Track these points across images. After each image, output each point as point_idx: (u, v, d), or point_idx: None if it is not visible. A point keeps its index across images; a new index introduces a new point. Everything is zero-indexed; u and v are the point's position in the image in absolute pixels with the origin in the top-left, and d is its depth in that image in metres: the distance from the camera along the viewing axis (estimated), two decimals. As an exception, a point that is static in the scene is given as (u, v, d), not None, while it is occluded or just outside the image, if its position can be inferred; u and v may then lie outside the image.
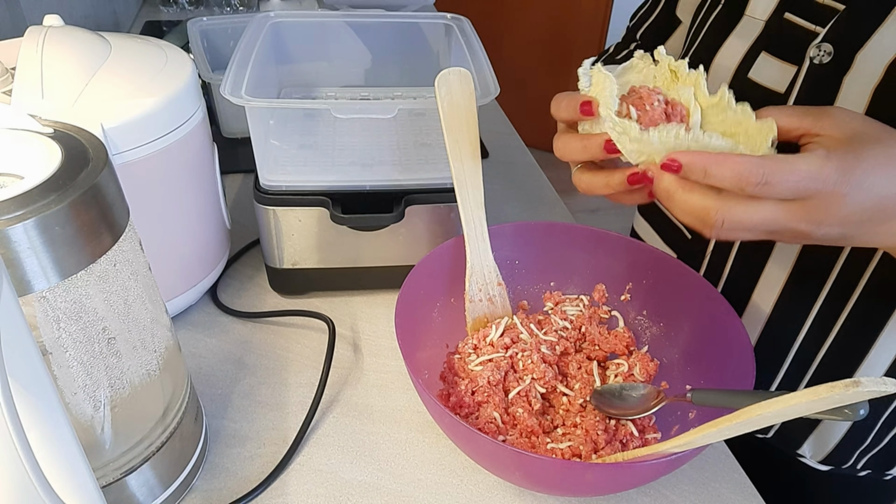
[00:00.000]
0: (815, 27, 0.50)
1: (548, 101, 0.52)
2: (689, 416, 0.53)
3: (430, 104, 0.55)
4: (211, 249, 0.65)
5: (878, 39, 0.46)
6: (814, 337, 0.56)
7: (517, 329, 0.59)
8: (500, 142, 1.02)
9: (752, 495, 0.52)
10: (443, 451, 0.54)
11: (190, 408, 0.49)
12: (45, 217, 0.32)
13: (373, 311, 0.68)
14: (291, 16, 0.73)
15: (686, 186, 0.39)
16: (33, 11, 0.91)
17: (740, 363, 0.49)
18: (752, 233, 0.39)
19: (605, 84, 0.42)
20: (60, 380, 0.37)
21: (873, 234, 0.39)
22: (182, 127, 0.55)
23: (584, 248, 0.63)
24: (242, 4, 1.41)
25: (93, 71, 0.52)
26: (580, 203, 2.57)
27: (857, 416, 0.37)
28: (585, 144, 0.43)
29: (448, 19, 0.75)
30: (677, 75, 0.44)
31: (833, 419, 0.38)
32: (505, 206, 0.86)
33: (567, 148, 0.45)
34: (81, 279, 0.35)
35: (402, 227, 0.64)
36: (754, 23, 0.54)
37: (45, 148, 0.37)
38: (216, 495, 0.50)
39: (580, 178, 0.46)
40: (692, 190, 0.39)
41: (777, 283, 0.57)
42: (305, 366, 0.61)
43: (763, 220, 0.38)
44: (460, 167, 0.56)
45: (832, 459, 0.62)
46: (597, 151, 0.43)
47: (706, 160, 0.38)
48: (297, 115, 0.72)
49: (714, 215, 0.38)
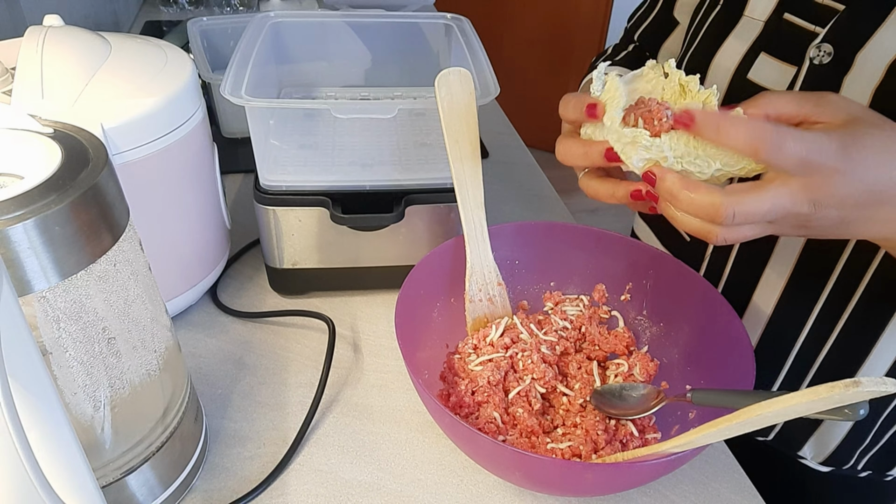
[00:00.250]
0: (815, 28, 0.50)
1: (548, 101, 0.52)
2: (689, 415, 0.53)
3: (430, 104, 0.55)
4: (211, 249, 0.65)
5: (878, 39, 0.46)
6: (814, 338, 0.56)
7: (517, 329, 0.59)
8: (500, 142, 1.02)
9: (752, 495, 0.52)
10: (443, 451, 0.54)
11: (190, 408, 0.49)
12: (45, 217, 0.32)
13: (373, 311, 0.68)
14: (291, 16, 0.73)
15: (690, 185, 0.38)
16: (33, 11, 0.91)
17: (740, 363, 0.49)
18: (757, 226, 0.39)
19: (614, 93, 0.42)
20: (60, 380, 0.37)
21: (868, 220, 0.39)
22: (182, 127, 0.55)
23: (584, 248, 0.63)
24: (242, 4, 1.41)
25: (93, 71, 0.52)
26: (580, 203, 2.57)
27: (858, 417, 0.37)
28: (587, 151, 0.43)
29: (448, 19, 0.75)
30: (686, 90, 0.44)
31: (833, 419, 0.38)
32: (505, 206, 0.86)
33: (569, 153, 0.45)
34: (81, 279, 0.35)
35: (402, 227, 0.64)
36: (753, 23, 0.54)
37: (45, 148, 0.37)
38: (216, 495, 0.50)
39: (587, 185, 0.47)
40: (696, 188, 0.38)
41: (777, 284, 0.57)
42: (305, 366, 0.61)
43: (772, 206, 0.37)
44: (460, 167, 0.56)
45: (833, 461, 0.62)
46: (597, 159, 0.43)
47: (720, 118, 0.38)
48: (297, 115, 0.72)
49: (724, 209, 0.37)
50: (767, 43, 0.53)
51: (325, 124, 0.71)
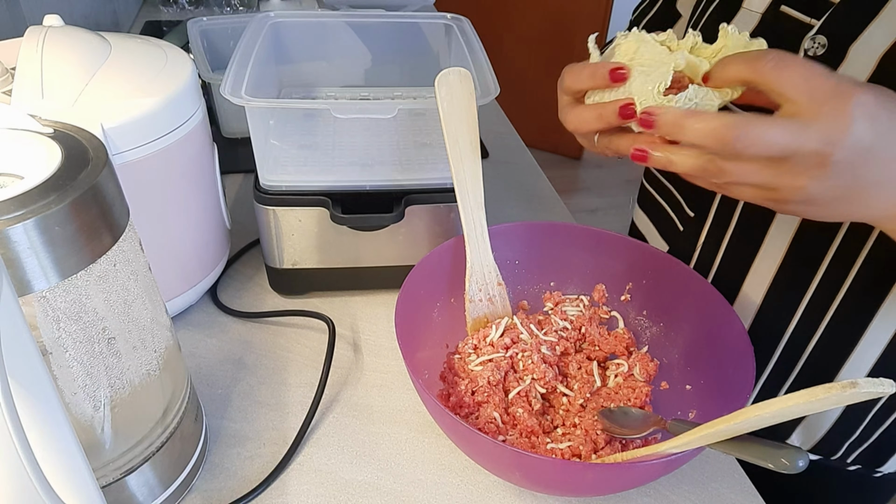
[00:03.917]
0: (811, 20, 0.50)
1: (548, 101, 0.52)
2: (690, 416, 0.53)
3: (430, 104, 0.55)
4: (211, 249, 0.65)
5: (870, 32, 0.47)
6: (804, 328, 0.57)
7: (517, 329, 0.59)
8: (500, 142, 1.02)
9: (753, 495, 0.52)
10: (443, 451, 0.54)
11: (190, 408, 0.49)
12: (45, 217, 0.32)
13: (373, 311, 0.68)
14: (291, 16, 0.73)
15: (694, 113, 0.38)
16: (33, 11, 0.91)
17: (740, 363, 0.49)
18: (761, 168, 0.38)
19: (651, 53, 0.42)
20: (60, 380, 0.37)
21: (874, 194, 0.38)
22: (182, 127, 0.55)
23: (584, 248, 0.63)
24: (242, 4, 1.41)
25: (93, 71, 0.52)
26: (580, 203, 2.57)
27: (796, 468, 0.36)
28: (601, 113, 0.44)
29: (448, 19, 0.75)
30: (671, 48, 0.44)
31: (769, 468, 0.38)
32: (505, 206, 0.86)
33: (581, 118, 0.46)
34: (81, 279, 0.35)
35: (402, 227, 0.64)
36: (751, 15, 0.54)
37: (45, 148, 0.37)
38: (216, 495, 0.50)
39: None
40: (702, 115, 0.38)
41: (767, 274, 0.57)
42: (305, 366, 0.61)
43: (781, 137, 0.36)
44: (460, 167, 0.56)
45: (821, 449, 0.63)
46: (612, 118, 0.43)
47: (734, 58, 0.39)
48: (297, 115, 0.72)
49: (731, 130, 0.36)
50: (764, 35, 0.54)
51: (325, 124, 0.71)
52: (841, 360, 0.57)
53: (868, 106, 0.36)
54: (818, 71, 0.37)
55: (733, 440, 0.40)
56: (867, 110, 0.36)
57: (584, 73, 0.45)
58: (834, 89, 0.36)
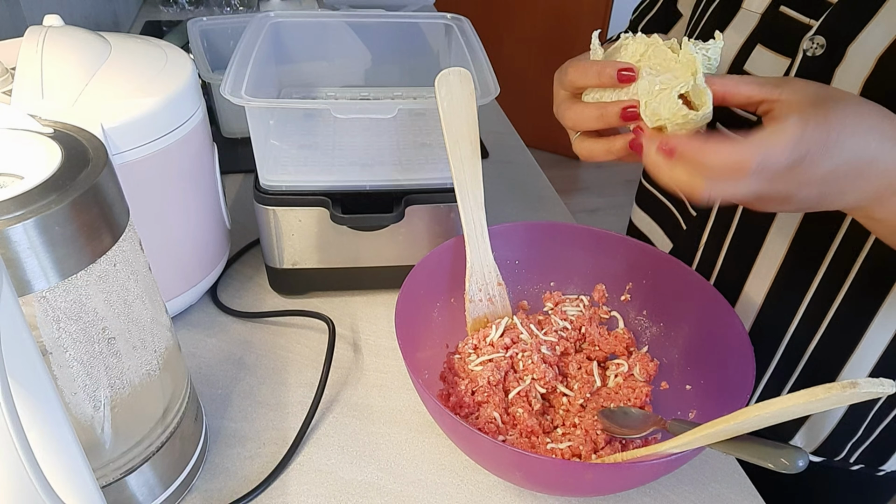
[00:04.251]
0: (809, 20, 0.51)
1: (548, 101, 0.52)
2: (690, 416, 0.53)
3: (430, 104, 0.55)
4: (211, 249, 0.65)
5: (868, 33, 0.47)
6: (805, 328, 0.57)
7: (517, 329, 0.59)
8: (500, 142, 1.02)
9: (753, 495, 0.52)
10: (443, 451, 0.54)
11: (190, 408, 0.49)
12: (45, 217, 0.32)
13: (373, 311, 0.68)
14: (291, 16, 0.73)
15: (670, 164, 0.40)
16: (33, 11, 0.91)
17: (740, 363, 0.49)
18: (738, 199, 0.41)
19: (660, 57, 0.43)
20: (60, 380, 0.37)
21: (844, 194, 0.40)
22: (182, 127, 0.55)
23: (584, 248, 0.63)
24: (242, 4, 1.41)
25: (93, 71, 0.52)
26: (580, 203, 2.57)
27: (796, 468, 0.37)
28: (602, 113, 0.44)
29: (448, 19, 0.75)
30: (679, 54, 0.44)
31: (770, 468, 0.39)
32: (505, 206, 0.86)
33: (581, 116, 0.46)
34: (81, 279, 0.35)
35: (402, 227, 0.64)
36: (750, 16, 0.55)
37: (45, 148, 0.37)
38: (216, 495, 0.50)
39: (581, 147, 0.48)
40: (675, 168, 0.40)
41: (768, 275, 0.57)
42: (305, 366, 0.61)
43: (749, 192, 0.39)
44: (460, 167, 0.56)
45: (824, 451, 0.63)
46: (613, 119, 0.44)
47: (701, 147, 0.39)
48: (297, 115, 0.72)
49: (701, 192, 0.39)
50: (763, 35, 0.54)
51: (325, 124, 0.71)
52: (842, 360, 0.57)
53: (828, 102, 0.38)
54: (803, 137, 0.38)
55: (733, 440, 0.40)
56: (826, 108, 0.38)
57: (590, 70, 0.45)
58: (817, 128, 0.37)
